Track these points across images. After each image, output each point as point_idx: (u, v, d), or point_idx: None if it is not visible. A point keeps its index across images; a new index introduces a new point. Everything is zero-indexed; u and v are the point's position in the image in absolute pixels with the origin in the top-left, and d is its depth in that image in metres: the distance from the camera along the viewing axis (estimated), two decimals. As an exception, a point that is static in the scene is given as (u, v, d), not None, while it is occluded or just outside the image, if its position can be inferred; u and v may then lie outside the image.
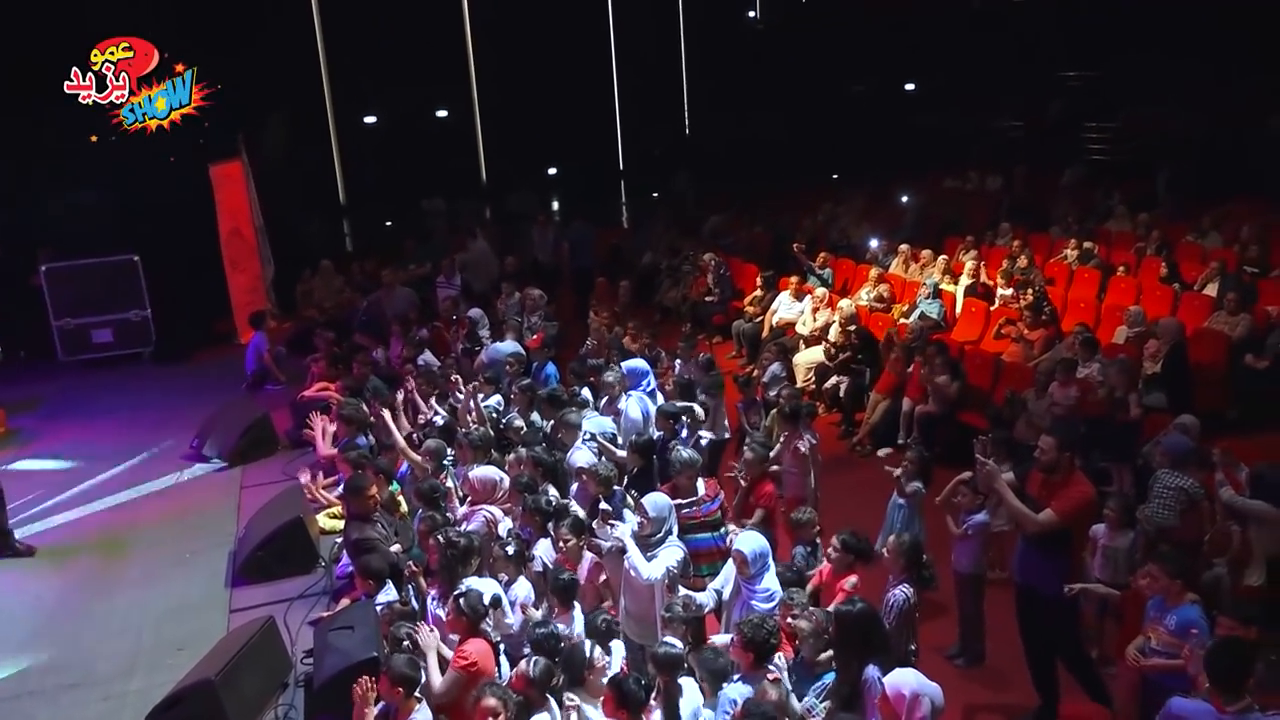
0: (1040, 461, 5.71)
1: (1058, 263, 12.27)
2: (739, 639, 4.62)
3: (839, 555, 5.47)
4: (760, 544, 5.31)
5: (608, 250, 16.35)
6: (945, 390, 9.05)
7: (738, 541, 5.34)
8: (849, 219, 15.58)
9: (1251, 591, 6.18)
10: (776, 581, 5.25)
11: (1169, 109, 18.40)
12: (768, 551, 5.33)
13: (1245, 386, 9.13)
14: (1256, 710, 3.95)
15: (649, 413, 8.08)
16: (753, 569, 5.22)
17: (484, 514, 6.60)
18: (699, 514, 6.20)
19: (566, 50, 22.90)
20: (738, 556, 5.28)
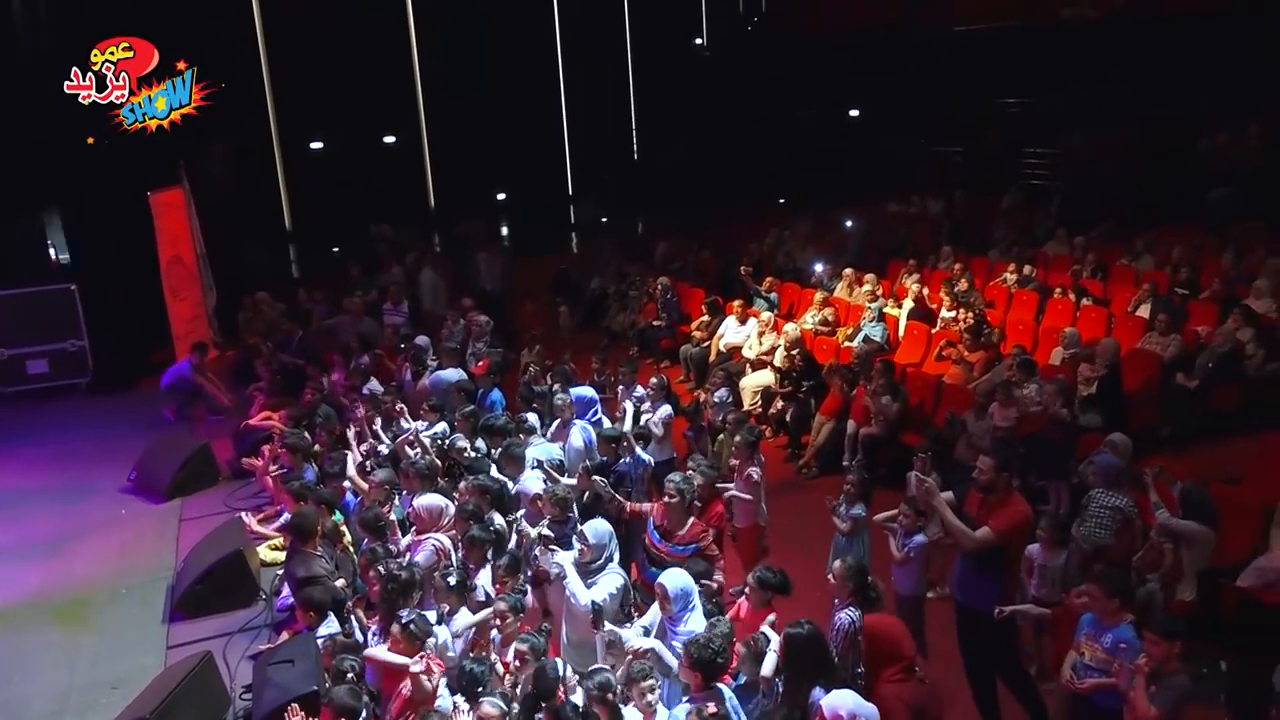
0: (978, 481, 5.82)
1: (997, 285, 12.52)
2: (686, 659, 4.61)
3: (755, 593, 5.34)
4: (685, 582, 5.17)
5: (556, 275, 16.41)
6: (887, 411, 9.17)
7: (662, 576, 5.20)
8: (795, 243, 15.77)
9: (1183, 607, 6.35)
10: (702, 622, 5.07)
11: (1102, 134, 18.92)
12: (692, 591, 5.18)
13: (1176, 405, 9.35)
14: None
15: (591, 441, 8.05)
16: (675, 607, 5.08)
17: (432, 542, 6.55)
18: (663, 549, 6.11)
19: (514, 76, 22.99)
20: (659, 591, 5.14)
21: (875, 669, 4.95)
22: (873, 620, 5.07)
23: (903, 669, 4.94)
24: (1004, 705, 5.86)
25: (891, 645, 5.01)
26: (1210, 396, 9.40)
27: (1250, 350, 9.62)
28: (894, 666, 4.93)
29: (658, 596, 5.19)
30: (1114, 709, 4.91)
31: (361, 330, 12.11)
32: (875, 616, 5.11)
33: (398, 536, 6.80)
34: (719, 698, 4.52)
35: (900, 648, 5.01)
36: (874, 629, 5.03)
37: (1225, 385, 9.44)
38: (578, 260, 17.11)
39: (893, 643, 5.02)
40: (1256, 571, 6.31)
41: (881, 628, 5.05)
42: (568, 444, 7.92)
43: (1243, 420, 9.25)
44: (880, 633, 5.02)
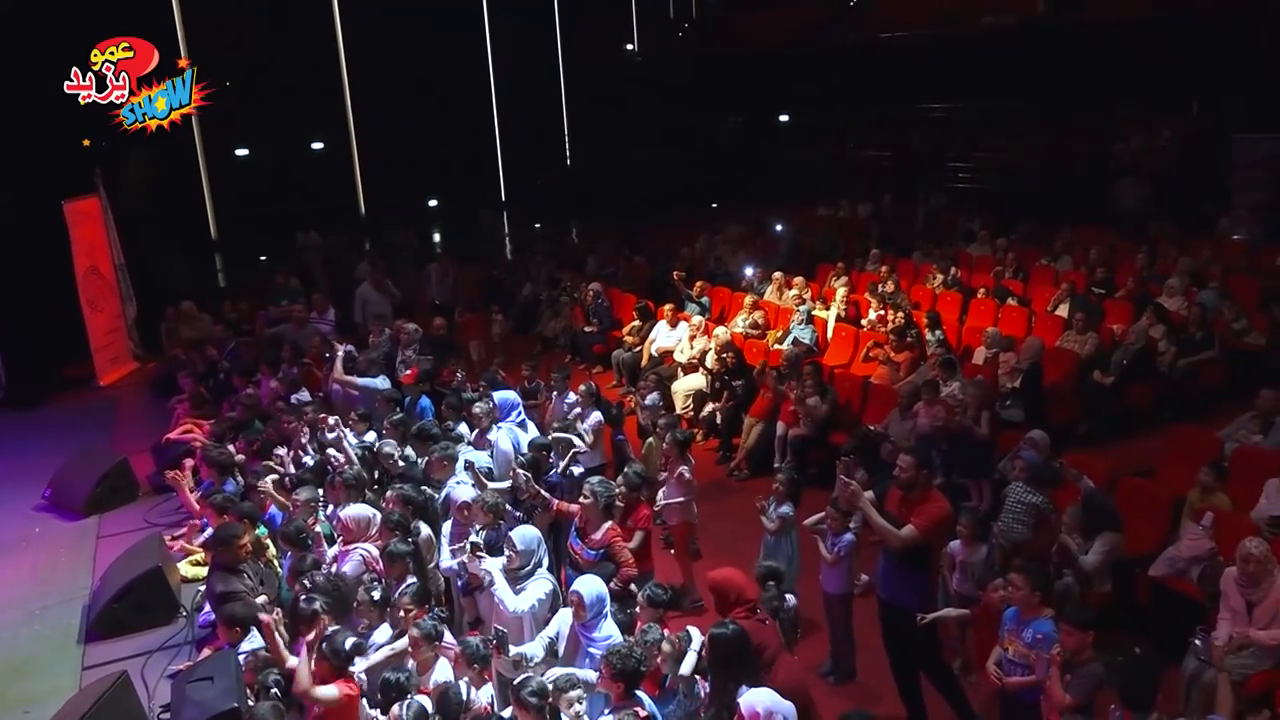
0: (899, 480, 5.91)
1: (922, 287, 12.75)
2: (608, 670, 4.59)
3: (646, 610, 5.29)
4: (599, 589, 5.16)
5: (488, 282, 16.31)
6: (816, 413, 9.27)
7: (576, 584, 5.17)
8: (726, 248, 15.89)
9: (1100, 598, 6.52)
10: (616, 629, 5.09)
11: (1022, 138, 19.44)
12: (606, 597, 5.17)
13: (1094, 402, 9.61)
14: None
15: (519, 444, 8.05)
16: (589, 614, 5.06)
17: (360, 553, 6.45)
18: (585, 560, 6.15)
19: (445, 81, 22.85)
20: (574, 599, 5.11)
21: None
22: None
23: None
24: (928, 698, 5.95)
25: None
26: (1125, 393, 9.68)
27: (1162, 347, 9.93)
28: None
29: (572, 604, 5.16)
30: (1033, 700, 5.03)
31: (300, 339, 11.87)
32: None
33: (322, 549, 6.68)
34: (640, 704, 4.52)
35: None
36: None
37: (1139, 382, 9.73)
38: (510, 266, 17.01)
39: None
40: (1167, 561, 6.51)
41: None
42: (495, 447, 7.89)
43: (1156, 415, 9.55)
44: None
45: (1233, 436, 7.87)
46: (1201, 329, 10.00)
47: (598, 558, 6.13)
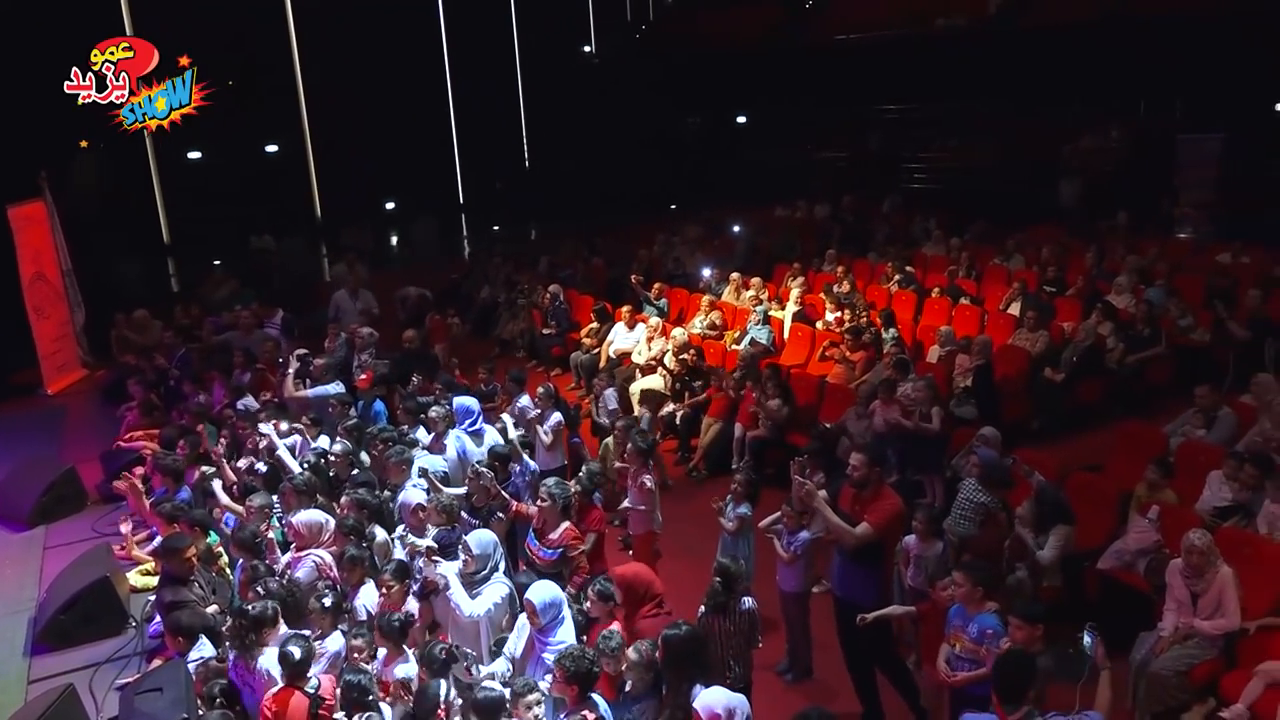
0: (852, 478, 5.96)
1: (878, 286, 12.86)
2: (561, 674, 4.58)
3: (597, 605, 5.33)
4: (553, 594, 5.14)
5: (447, 285, 16.22)
6: (776, 414, 9.32)
7: (529, 591, 5.16)
8: (684, 249, 15.93)
9: (1050, 592, 6.62)
10: (572, 633, 5.09)
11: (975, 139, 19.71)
12: (561, 602, 5.16)
13: (1045, 398, 9.76)
14: (1036, 715, 4.19)
15: (465, 452, 7.97)
16: (544, 619, 5.05)
17: (313, 558, 6.39)
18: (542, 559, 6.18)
19: (401, 83, 22.68)
20: (528, 606, 5.10)
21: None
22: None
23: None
24: (883, 694, 6.01)
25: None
26: (1076, 389, 9.84)
27: (1111, 344, 10.10)
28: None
29: (527, 611, 5.14)
30: (982, 694, 5.08)
31: (252, 344, 11.72)
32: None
33: (276, 555, 6.61)
34: (593, 706, 4.52)
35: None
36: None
37: (1089, 378, 9.90)
38: (468, 270, 16.91)
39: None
40: (1115, 554, 6.63)
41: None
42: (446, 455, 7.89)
43: (1105, 411, 9.71)
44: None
45: (1177, 431, 8.03)
46: (1149, 326, 10.19)
47: (556, 556, 6.16)
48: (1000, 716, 4.21)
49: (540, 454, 8.33)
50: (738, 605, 5.38)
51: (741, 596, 5.43)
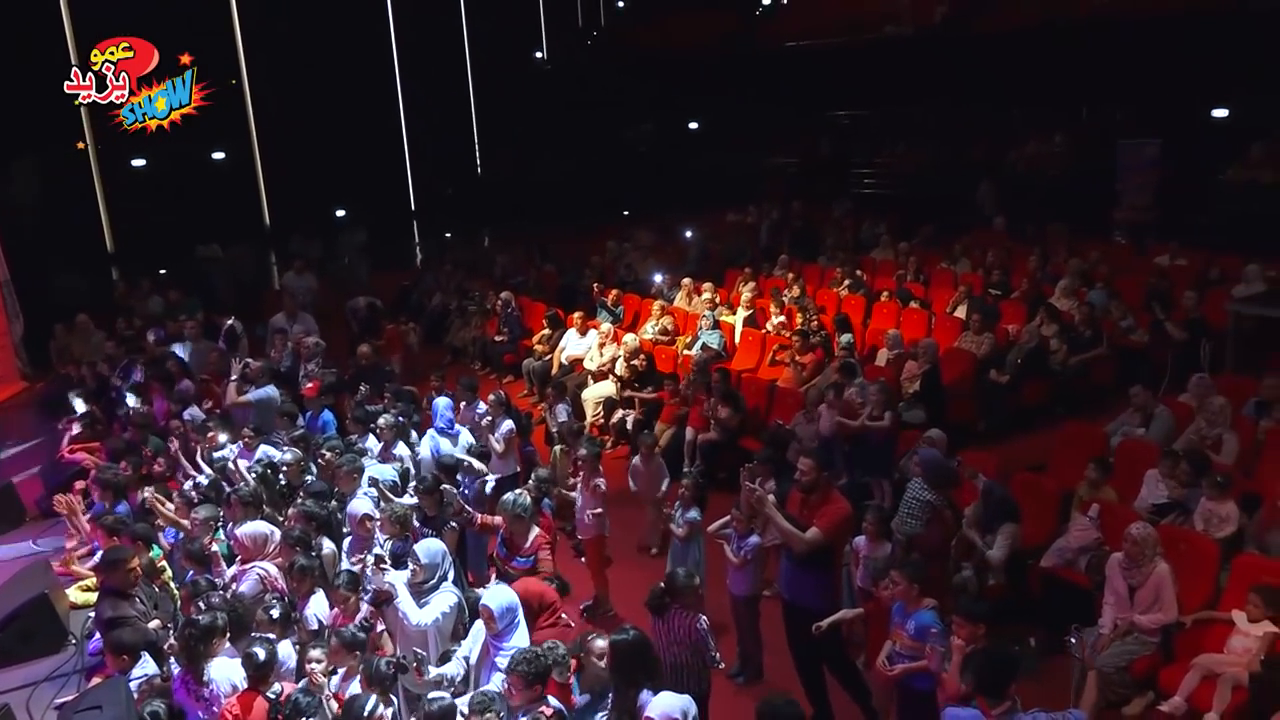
0: (800, 482, 6.01)
1: (828, 290, 12.98)
2: (519, 681, 4.56)
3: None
4: (508, 599, 5.16)
5: (398, 292, 16.10)
6: (727, 422, 9.37)
7: (485, 596, 5.17)
8: (636, 255, 15.96)
9: (995, 590, 6.72)
10: (527, 638, 5.10)
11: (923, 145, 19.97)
12: (516, 607, 5.17)
13: (990, 400, 9.91)
14: (1019, 709, 4.26)
15: (439, 451, 8.07)
16: (500, 625, 5.06)
17: (257, 571, 6.32)
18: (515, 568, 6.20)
19: (350, 90, 22.44)
20: (484, 612, 5.11)
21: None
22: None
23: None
24: (833, 695, 6.06)
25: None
26: (1020, 391, 10.00)
27: (1054, 346, 10.28)
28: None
29: (483, 616, 5.13)
30: (928, 690, 5.17)
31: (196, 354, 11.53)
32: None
33: (221, 568, 6.52)
34: (546, 703, 4.53)
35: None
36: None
37: (1033, 380, 10.06)
38: (419, 277, 16.79)
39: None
40: (1057, 552, 6.76)
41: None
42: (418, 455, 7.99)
43: (1049, 412, 9.89)
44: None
45: (1117, 431, 8.19)
46: (1090, 328, 10.39)
47: (530, 564, 6.15)
48: (984, 711, 4.27)
49: (493, 461, 8.32)
50: (680, 615, 5.34)
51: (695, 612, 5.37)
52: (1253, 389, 8.33)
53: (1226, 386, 8.46)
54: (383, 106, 24.31)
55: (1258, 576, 5.85)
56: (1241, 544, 6.48)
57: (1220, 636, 5.80)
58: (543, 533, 6.28)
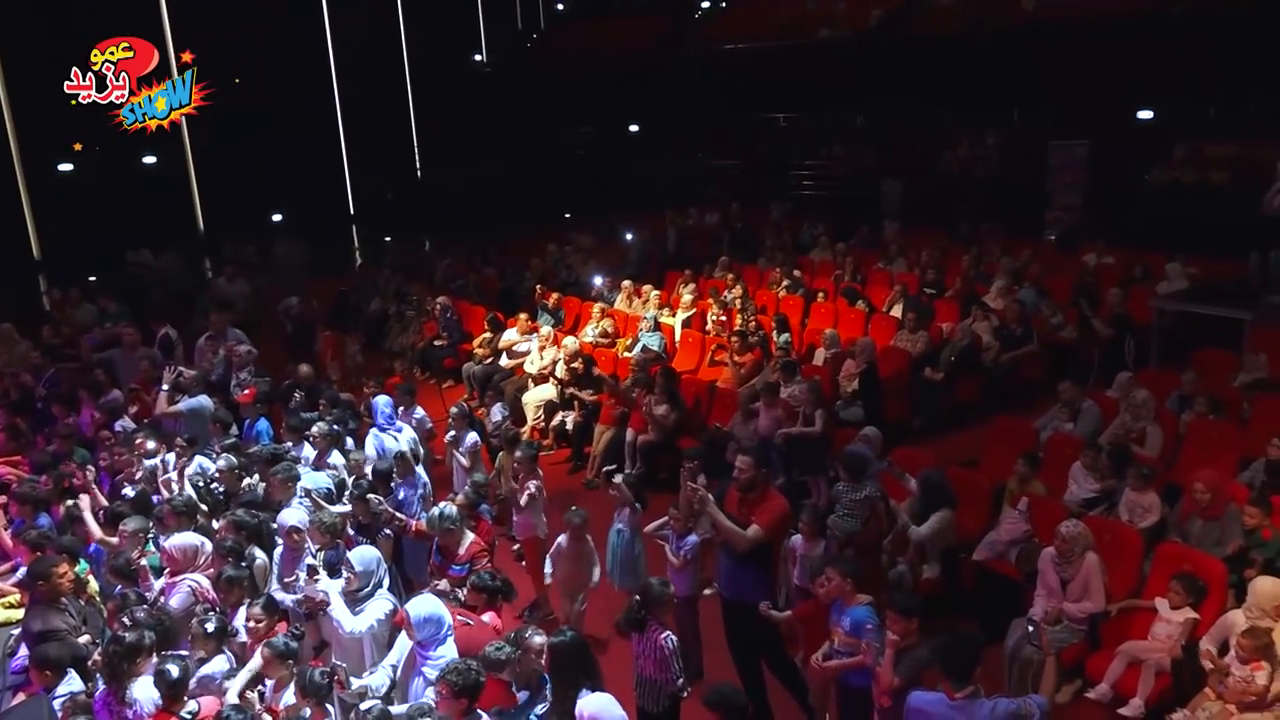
0: (738, 480, 6.05)
1: (767, 291, 13.09)
2: (447, 689, 4.52)
3: (473, 594, 5.40)
4: (432, 609, 5.07)
5: (336, 298, 15.89)
6: (663, 420, 9.40)
7: (408, 604, 5.09)
8: (577, 258, 15.95)
9: (929, 584, 6.84)
10: (454, 650, 5.02)
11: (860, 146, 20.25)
12: (441, 618, 5.08)
13: (925, 397, 10.08)
14: (981, 694, 4.33)
15: (384, 449, 8.04)
16: (420, 634, 4.97)
17: (188, 584, 6.18)
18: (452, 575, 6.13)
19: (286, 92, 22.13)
20: (404, 618, 5.03)
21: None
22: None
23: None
24: (772, 693, 6.11)
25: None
26: (954, 388, 10.19)
27: (987, 343, 10.49)
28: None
29: (404, 624, 5.06)
30: (864, 686, 5.23)
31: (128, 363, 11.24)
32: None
33: (150, 582, 6.37)
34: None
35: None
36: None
37: (967, 377, 10.26)
38: (358, 282, 16.58)
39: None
40: (988, 545, 6.90)
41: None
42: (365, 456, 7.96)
43: (982, 408, 10.07)
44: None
45: (1047, 426, 8.38)
46: (1021, 325, 10.60)
47: (466, 572, 6.08)
48: (948, 694, 4.33)
49: (458, 476, 8.24)
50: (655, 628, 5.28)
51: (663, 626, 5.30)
52: (1176, 383, 8.59)
53: (1150, 381, 8.70)
54: (320, 109, 23.99)
55: (1179, 565, 6.03)
56: (1164, 533, 6.68)
57: (1144, 624, 5.97)
58: (478, 539, 6.23)
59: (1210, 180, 14.65)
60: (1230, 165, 14.62)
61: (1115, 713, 5.75)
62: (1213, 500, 6.45)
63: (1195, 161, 15.20)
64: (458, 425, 8.39)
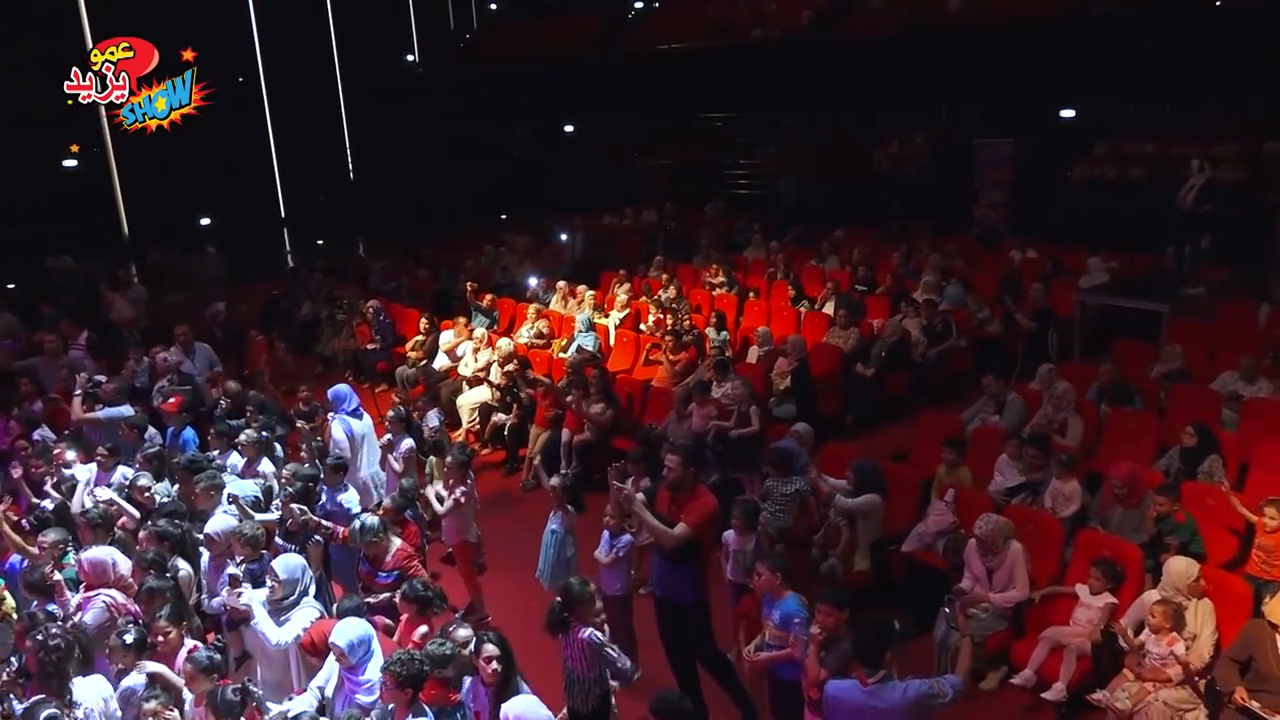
0: (668, 479, 6.07)
1: (701, 289, 13.15)
2: (392, 680, 4.47)
3: (405, 604, 5.36)
4: (359, 632, 4.98)
5: (266, 303, 15.58)
6: (599, 419, 9.39)
7: (333, 634, 4.98)
8: (512, 259, 15.86)
9: (860, 576, 6.93)
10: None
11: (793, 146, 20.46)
12: (369, 639, 5.01)
13: (857, 393, 10.21)
14: (894, 677, 4.38)
15: (352, 432, 8.08)
16: (353, 658, 4.90)
17: (102, 599, 6.00)
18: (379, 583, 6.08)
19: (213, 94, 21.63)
20: (334, 650, 4.93)
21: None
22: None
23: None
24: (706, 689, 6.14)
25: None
26: (885, 383, 10.34)
27: (916, 339, 10.66)
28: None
29: (334, 654, 4.96)
30: (793, 679, 5.28)
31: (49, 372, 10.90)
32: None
33: (65, 597, 6.17)
34: (423, 712, 4.46)
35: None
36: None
37: (897, 372, 10.42)
38: (288, 286, 16.27)
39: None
40: (916, 536, 7.00)
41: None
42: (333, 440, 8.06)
43: (912, 402, 10.25)
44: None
45: (974, 418, 8.54)
46: (941, 321, 10.78)
47: (394, 579, 6.03)
48: (860, 680, 4.37)
49: (391, 482, 8.12)
50: (577, 628, 5.26)
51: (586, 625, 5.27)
52: (1096, 375, 8.80)
53: (1073, 373, 8.92)
54: (249, 109, 23.55)
55: (1098, 551, 6.18)
56: (1085, 521, 6.84)
57: (1066, 610, 6.11)
58: (404, 545, 6.16)
59: (1130, 177, 15.05)
60: (1148, 162, 15.04)
61: (1039, 697, 5.87)
62: (1130, 491, 6.63)
63: (1115, 158, 15.61)
64: (394, 429, 8.28)
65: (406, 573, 6.05)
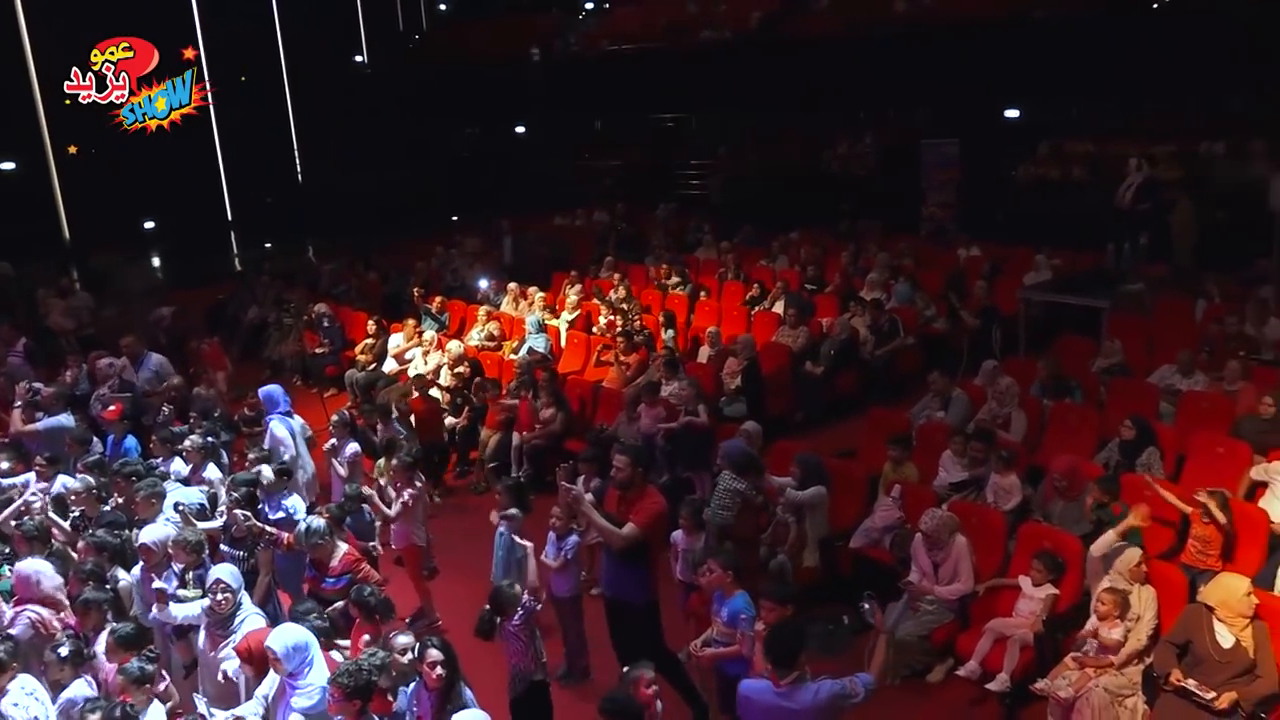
0: (616, 479, 6.08)
1: (652, 290, 13.17)
2: (339, 692, 4.42)
3: (354, 609, 5.37)
4: (295, 638, 4.89)
5: (211, 307, 15.33)
6: (550, 425, 9.37)
7: (269, 639, 4.89)
8: (463, 261, 15.76)
9: (809, 573, 6.99)
10: (324, 674, 4.86)
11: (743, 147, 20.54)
12: (307, 645, 4.92)
13: (806, 391, 10.29)
14: (807, 678, 4.41)
15: (294, 428, 8.18)
16: (289, 665, 4.81)
17: (28, 614, 5.86)
18: (326, 589, 6.02)
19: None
20: (269, 655, 4.85)
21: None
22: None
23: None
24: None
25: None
26: (834, 381, 10.43)
27: (864, 338, 10.77)
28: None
29: (269, 659, 4.89)
30: (740, 675, 5.29)
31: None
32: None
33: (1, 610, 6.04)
34: None
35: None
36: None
37: (845, 370, 10.52)
38: (235, 290, 16.02)
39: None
40: (864, 532, 7.09)
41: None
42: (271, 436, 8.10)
43: (861, 400, 10.34)
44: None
45: (920, 415, 8.66)
46: (887, 320, 10.89)
47: (343, 584, 5.98)
48: (774, 681, 4.39)
49: (335, 487, 8.04)
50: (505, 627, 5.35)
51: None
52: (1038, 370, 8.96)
53: (1016, 369, 9.08)
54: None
55: (1040, 543, 6.31)
56: (1027, 514, 6.96)
57: (1009, 601, 6.22)
58: (351, 549, 6.11)
59: (1072, 176, 15.33)
60: (1089, 162, 15.32)
61: (983, 688, 5.96)
62: (1070, 484, 6.76)
63: (1058, 158, 15.88)
64: (339, 433, 8.20)
65: (357, 576, 5.99)
